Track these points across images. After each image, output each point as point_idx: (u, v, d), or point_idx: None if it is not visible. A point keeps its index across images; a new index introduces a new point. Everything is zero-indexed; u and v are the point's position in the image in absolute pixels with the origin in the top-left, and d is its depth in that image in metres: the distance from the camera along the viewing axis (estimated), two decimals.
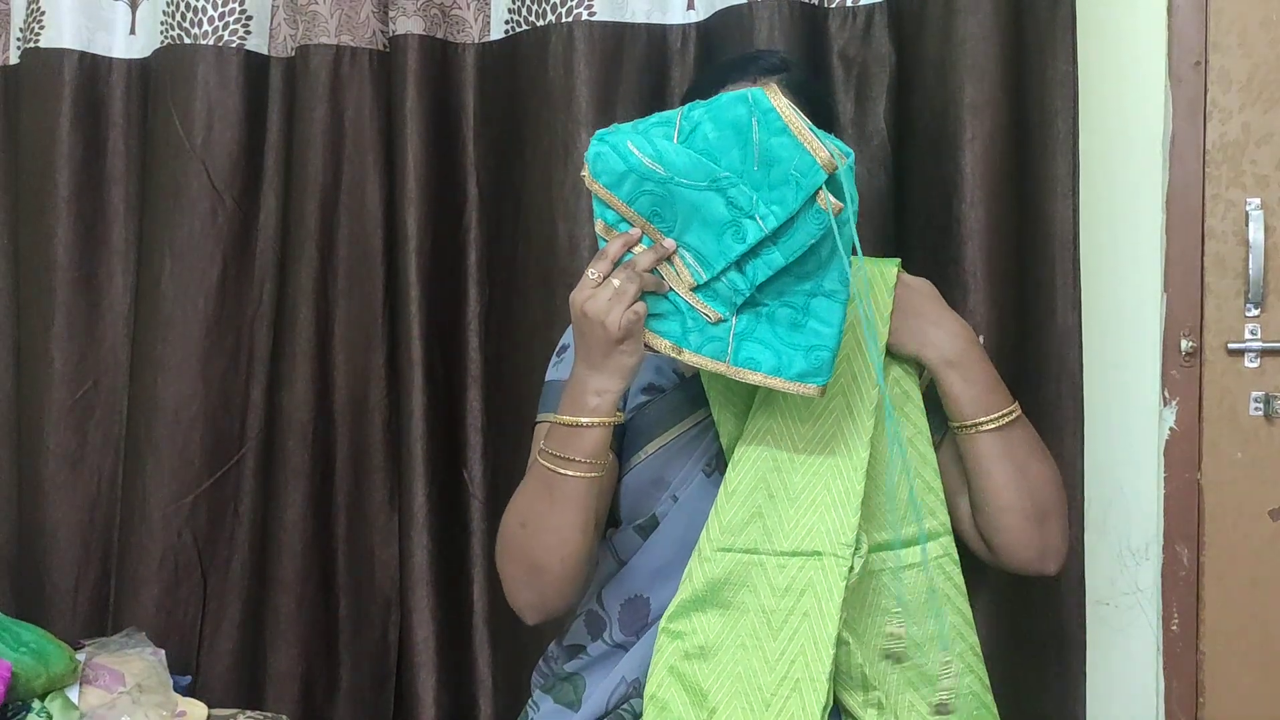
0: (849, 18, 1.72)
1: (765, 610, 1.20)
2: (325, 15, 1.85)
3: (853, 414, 1.23)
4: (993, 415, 1.25)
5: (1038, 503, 1.27)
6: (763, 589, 1.20)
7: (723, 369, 1.16)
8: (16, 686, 1.51)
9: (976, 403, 1.25)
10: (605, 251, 1.15)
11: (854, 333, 1.23)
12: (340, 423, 1.86)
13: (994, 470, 1.25)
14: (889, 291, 1.29)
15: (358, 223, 1.86)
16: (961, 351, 1.26)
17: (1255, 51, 1.78)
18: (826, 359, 1.15)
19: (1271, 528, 1.78)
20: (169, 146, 1.89)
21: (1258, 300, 1.77)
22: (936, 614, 1.25)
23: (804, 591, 1.19)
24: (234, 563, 1.90)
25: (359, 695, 1.87)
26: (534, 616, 1.28)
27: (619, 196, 1.15)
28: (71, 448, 1.95)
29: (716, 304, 1.16)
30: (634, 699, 1.29)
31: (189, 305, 1.88)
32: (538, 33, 1.80)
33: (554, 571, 1.23)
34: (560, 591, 1.25)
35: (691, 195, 1.12)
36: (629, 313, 1.13)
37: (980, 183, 1.61)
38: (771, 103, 1.10)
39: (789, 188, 1.09)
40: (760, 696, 1.18)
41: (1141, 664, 1.80)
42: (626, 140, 1.14)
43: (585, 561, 1.25)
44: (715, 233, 1.13)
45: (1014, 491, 1.26)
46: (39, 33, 1.96)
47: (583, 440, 1.18)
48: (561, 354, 1.41)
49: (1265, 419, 1.78)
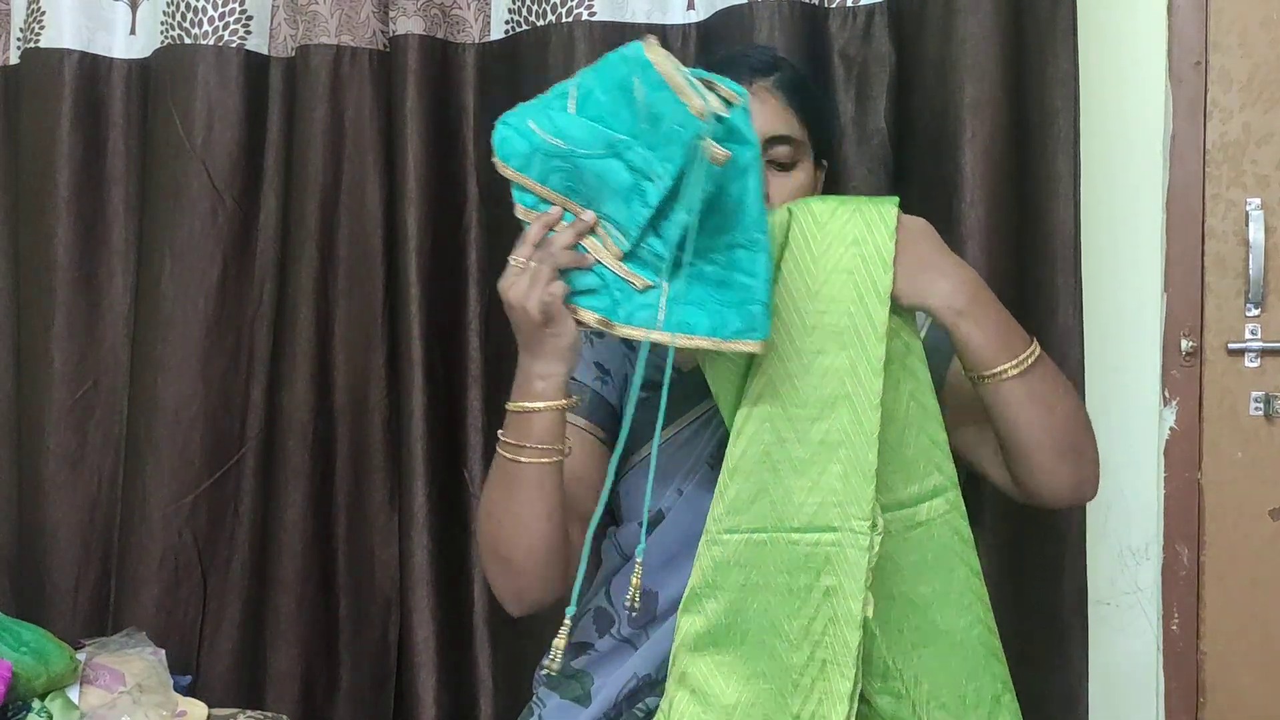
0: (849, 17, 1.72)
1: (783, 589, 1.15)
2: (325, 15, 1.85)
3: (857, 374, 1.14)
4: (1014, 360, 1.17)
5: (1069, 437, 1.22)
6: (776, 569, 1.15)
7: (657, 337, 1.11)
8: (17, 686, 1.51)
9: (995, 350, 1.17)
10: (525, 235, 1.14)
11: (854, 282, 1.15)
12: (340, 422, 1.86)
13: (1022, 415, 1.19)
14: (890, 235, 1.16)
15: (358, 223, 1.86)
16: (971, 298, 1.17)
17: (1256, 51, 1.79)
18: (759, 312, 1.10)
19: (1272, 527, 1.78)
20: (169, 146, 1.89)
21: (1258, 300, 1.77)
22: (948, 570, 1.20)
23: (823, 568, 1.14)
24: (234, 562, 1.90)
25: (359, 695, 1.87)
26: (515, 608, 1.28)
27: (531, 177, 1.13)
28: (71, 448, 1.95)
29: (646, 272, 1.12)
30: (648, 697, 1.29)
31: (189, 305, 1.88)
32: (538, 33, 1.80)
33: (519, 561, 1.22)
34: (533, 582, 1.24)
35: (595, 165, 1.10)
36: (544, 294, 1.12)
37: (980, 182, 1.61)
38: (648, 57, 1.05)
39: (675, 144, 1.05)
40: (789, 678, 1.14)
41: (1142, 664, 1.80)
42: (528, 119, 1.12)
43: (553, 551, 1.23)
44: (624, 199, 1.09)
45: (1044, 431, 1.19)
46: (39, 33, 1.96)
47: (533, 426, 1.18)
48: None
49: (1265, 419, 1.78)
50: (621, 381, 1.39)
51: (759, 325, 1.10)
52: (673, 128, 1.04)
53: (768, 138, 1.28)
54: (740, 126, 1.06)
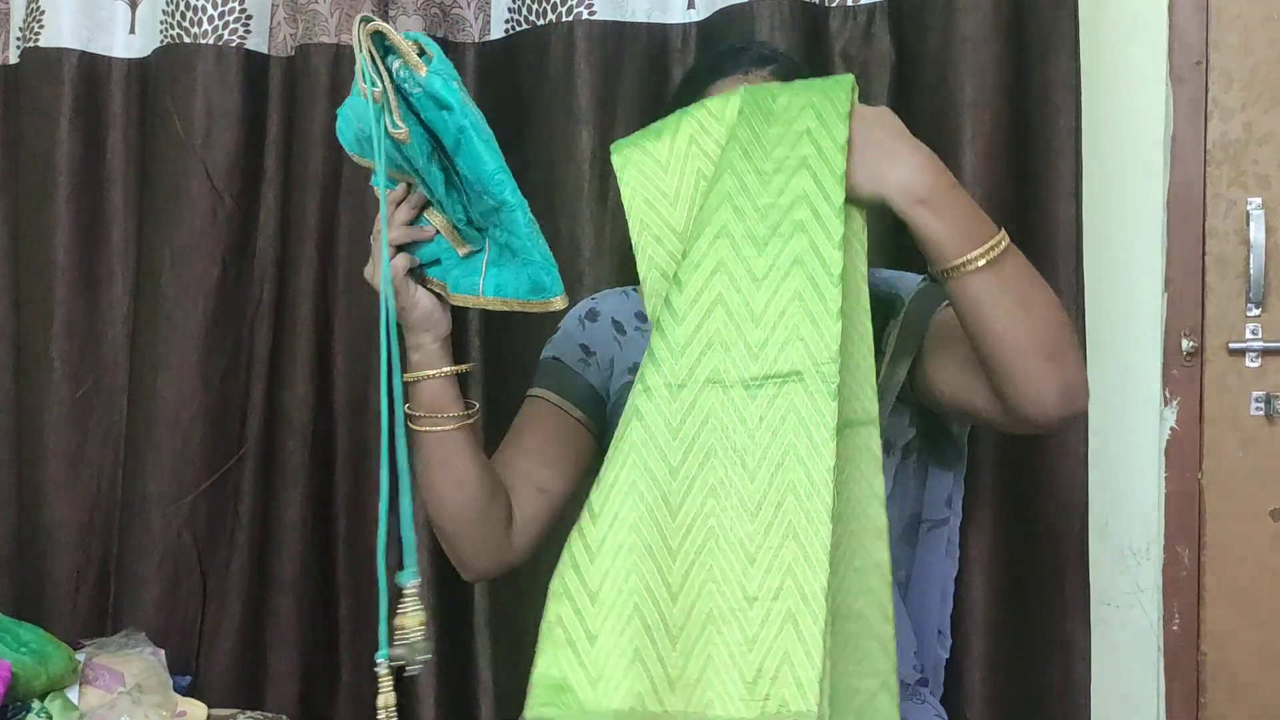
0: (850, 16, 1.71)
1: (737, 449, 1.00)
2: (325, 14, 1.85)
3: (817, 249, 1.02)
4: (981, 248, 1.05)
5: (1052, 335, 1.09)
6: (731, 424, 1.00)
7: (482, 302, 1.15)
8: (16, 687, 1.51)
9: (959, 238, 1.05)
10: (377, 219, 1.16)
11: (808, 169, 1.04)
12: (340, 422, 1.86)
13: (996, 312, 1.06)
14: (842, 120, 1.06)
15: (358, 222, 1.85)
16: (930, 184, 1.05)
17: (1256, 50, 1.78)
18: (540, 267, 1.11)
19: (1272, 528, 1.78)
20: (169, 146, 1.89)
21: (1259, 300, 1.77)
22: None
23: (783, 421, 0.99)
24: (234, 563, 1.90)
25: (359, 695, 1.87)
26: (466, 574, 1.35)
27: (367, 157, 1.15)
28: (71, 447, 1.95)
29: (469, 238, 1.16)
30: None
31: (189, 305, 1.88)
32: (538, 32, 1.80)
33: (448, 529, 1.28)
34: (468, 549, 1.29)
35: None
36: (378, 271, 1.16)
37: (981, 182, 1.61)
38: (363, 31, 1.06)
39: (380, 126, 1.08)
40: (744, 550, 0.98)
41: (1142, 664, 1.80)
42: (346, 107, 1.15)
43: (477, 518, 1.26)
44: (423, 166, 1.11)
45: (1023, 328, 1.07)
46: (39, 32, 1.96)
47: (420, 395, 1.22)
48: (554, 335, 1.45)
49: (1266, 419, 1.78)
50: (608, 364, 1.40)
51: (547, 284, 1.12)
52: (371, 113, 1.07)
53: None
54: (439, 92, 1.05)
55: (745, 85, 1.14)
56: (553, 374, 1.40)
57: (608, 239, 1.74)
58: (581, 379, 1.39)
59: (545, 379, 1.41)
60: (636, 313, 1.44)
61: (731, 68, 1.32)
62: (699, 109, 1.12)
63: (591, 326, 1.43)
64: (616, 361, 1.41)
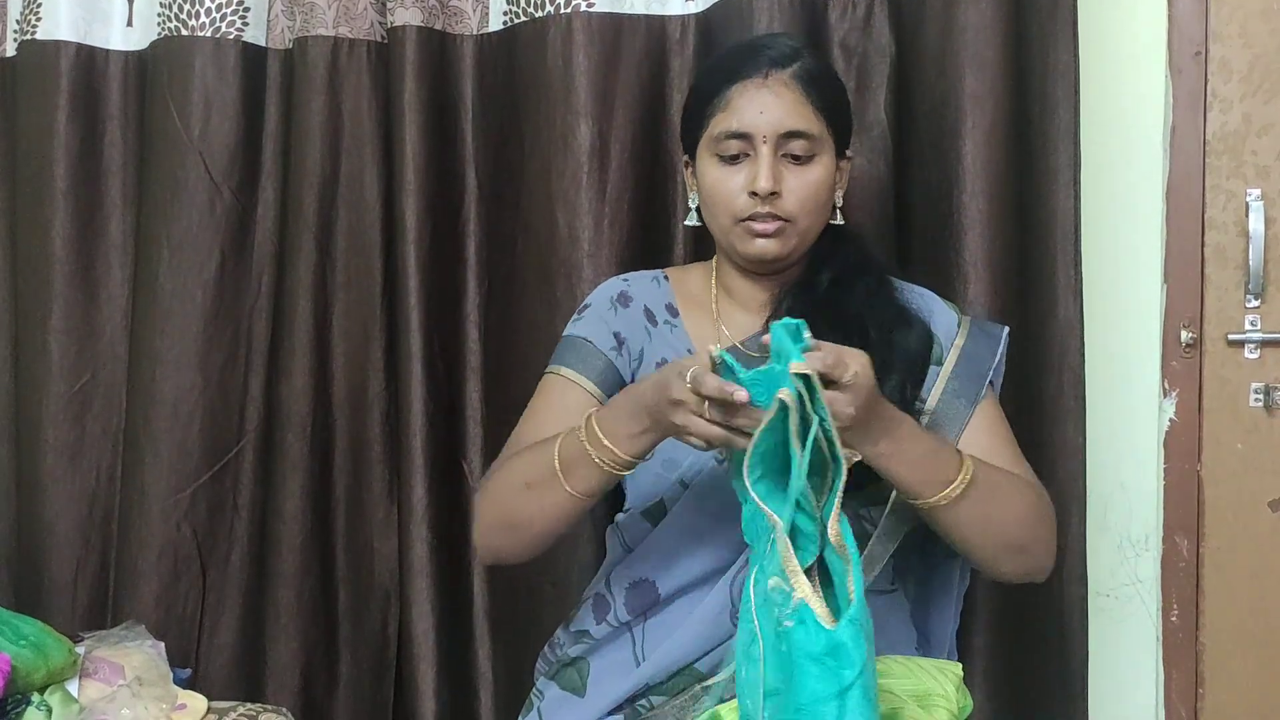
0: (849, 8, 1.71)
1: None
2: (323, 7, 1.84)
3: None
4: (943, 492, 1.17)
5: (1016, 535, 1.24)
6: None
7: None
8: (16, 680, 1.50)
9: (924, 485, 1.17)
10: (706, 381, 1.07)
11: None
12: (339, 415, 1.86)
13: (963, 531, 1.22)
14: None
15: (356, 215, 1.85)
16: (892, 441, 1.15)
17: (1256, 42, 1.78)
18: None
19: (1271, 519, 1.78)
20: (166, 138, 1.88)
21: (1258, 291, 1.77)
22: None
23: None
24: (233, 555, 1.90)
25: (359, 687, 1.87)
26: (488, 559, 1.38)
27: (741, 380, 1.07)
28: (70, 441, 1.95)
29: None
30: (652, 695, 1.29)
31: (187, 298, 1.87)
32: (536, 24, 1.79)
33: (534, 532, 1.27)
34: (522, 552, 1.30)
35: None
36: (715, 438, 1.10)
37: (981, 173, 1.61)
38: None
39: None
40: None
41: (1141, 655, 1.81)
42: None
43: (567, 531, 1.29)
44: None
45: (987, 538, 1.23)
46: (35, 24, 1.95)
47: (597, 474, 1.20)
48: (582, 312, 1.43)
49: (1265, 410, 1.78)
50: (637, 354, 1.39)
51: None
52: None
53: (782, 132, 1.27)
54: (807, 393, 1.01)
55: None
56: (580, 353, 1.38)
57: (606, 230, 1.74)
58: (609, 364, 1.37)
59: (569, 357, 1.38)
60: (667, 304, 1.42)
61: (751, 69, 1.30)
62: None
63: (624, 312, 1.41)
64: (646, 353, 1.39)
